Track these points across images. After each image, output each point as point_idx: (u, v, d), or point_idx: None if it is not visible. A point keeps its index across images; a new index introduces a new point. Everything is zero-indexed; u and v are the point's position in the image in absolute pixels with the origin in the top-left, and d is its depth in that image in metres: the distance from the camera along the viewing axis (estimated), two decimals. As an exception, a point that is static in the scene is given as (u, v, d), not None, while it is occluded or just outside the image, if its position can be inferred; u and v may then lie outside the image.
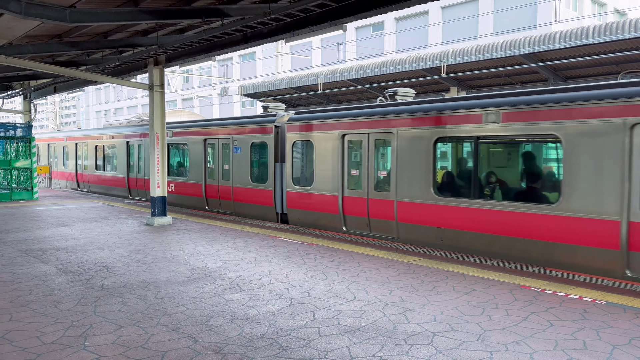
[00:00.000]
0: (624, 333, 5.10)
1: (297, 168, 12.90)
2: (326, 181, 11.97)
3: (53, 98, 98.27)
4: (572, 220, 7.87)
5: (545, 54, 13.46)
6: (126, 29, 11.74)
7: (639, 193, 7.23)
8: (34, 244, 10.05)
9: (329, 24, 8.75)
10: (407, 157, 10.21)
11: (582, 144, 7.79)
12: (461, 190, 9.53)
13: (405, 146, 10.22)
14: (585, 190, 7.75)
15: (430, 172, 9.78)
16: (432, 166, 9.76)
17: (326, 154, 11.98)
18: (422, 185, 9.92)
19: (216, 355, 4.58)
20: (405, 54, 31.95)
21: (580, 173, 7.81)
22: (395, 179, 10.43)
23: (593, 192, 7.67)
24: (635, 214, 7.25)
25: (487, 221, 8.90)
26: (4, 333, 5.18)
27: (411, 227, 10.19)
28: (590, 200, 7.70)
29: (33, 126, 19.90)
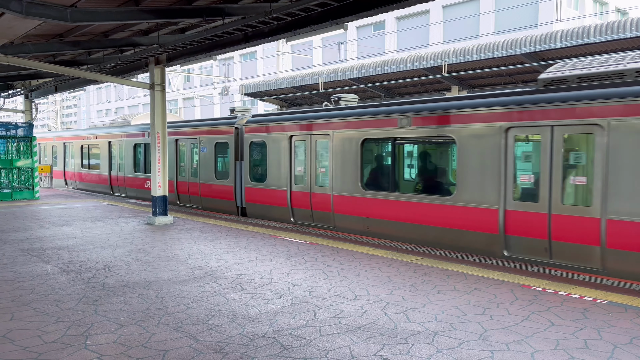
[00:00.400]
0: (625, 332, 5.10)
1: (254, 166, 14.34)
2: (277, 177, 13.37)
3: (54, 97, 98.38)
4: (463, 209, 9.32)
5: (546, 53, 13.44)
6: (127, 28, 11.75)
7: (513, 184, 8.67)
8: (35, 243, 10.06)
9: (329, 23, 8.74)
10: (341, 156, 11.62)
11: (471, 145, 9.22)
12: (382, 185, 10.98)
13: (339, 146, 11.62)
14: (473, 184, 9.18)
15: (358, 169, 11.26)
16: (360, 164, 11.23)
17: (277, 153, 13.39)
18: (352, 181, 11.39)
19: (217, 355, 4.59)
20: (406, 53, 31.92)
21: (469, 169, 9.24)
22: (331, 176, 11.85)
23: (479, 185, 9.08)
24: (510, 203, 8.68)
25: (403, 211, 10.36)
26: (5, 332, 5.19)
27: (344, 217, 11.59)
28: (476, 192, 9.12)
29: (34, 125, 19.91)
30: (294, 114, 13.12)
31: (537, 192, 8.33)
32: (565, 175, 8.08)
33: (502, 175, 8.73)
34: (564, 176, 8.08)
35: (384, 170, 11.05)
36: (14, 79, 18.17)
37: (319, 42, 42.41)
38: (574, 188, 8.01)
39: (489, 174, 8.90)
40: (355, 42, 40.14)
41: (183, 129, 17.01)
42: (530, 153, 8.52)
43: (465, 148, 9.30)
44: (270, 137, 13.57)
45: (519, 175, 8.59)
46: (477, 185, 9.11)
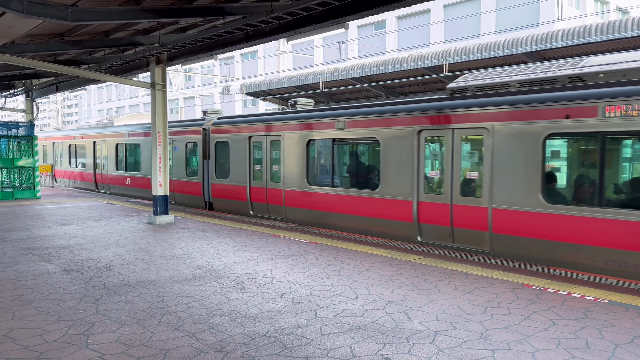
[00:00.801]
0: (626, 332, 5.09)
1: (219, 164, 15.65)
2: (238, 174, 14.79)
3: (55, 97, 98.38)
4: (386, 201, 10.74)
5: (547, 53, 13.43)
6: (128, 27, 11.75)
7: (424, 179, 10.08)
8: (37, 242, 10.07)
9: (330, 22, 8.74)
10: (290, 155, 13.10)
11: (391, 145, 10.61)
12: (323, 181, 12.47)
13: (289, 146, 13.08)
14: (393, 179, 10.60)
15: (304, 166, 12.75)
16: (306, 162, 12.73)
17: (238, 152, 14.79)
18: (299, 177, 12.89)
19: (218, 354, 4.59)
20: (407, 53, 31.92)
21: (390, 166, 10.66)
22: (283, 173, 13.29)
23: (397, 180, 10.51)
24: (422, 195, 10.07)
25: (340, 203, 11.81)
26: (6, 331, 5.19)
27: (294, 209, 13.04)
28: (396, 186, 10.53)
29: (35, 125, 19.93)
30: (253, 116, 14.72)
31: (442, 186, 9.76)
32: (463, 171, 9.49)
33: (415, 171, 10.20)
34: (461, 172, 9.50)
35: (324, 167, 12.57)
36: (15, 78, 18.18)
37: (319, 42, 42.40)
38: (469, 182, 9.41)
39: (405, 171, 10.33)
40: (356, 41, 40.13)
41: (149, 130, 18.53)
42: (437, 152, 9.96)
43: (387, 148, 10.70)
44: (233, 138, 14.94)
45: (428, 172, 10.05)
46: (396, 181, 10.53)
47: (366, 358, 4.49)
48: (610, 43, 12.08)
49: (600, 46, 12.46)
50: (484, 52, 14.08)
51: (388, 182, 10.68)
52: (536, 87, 8.87)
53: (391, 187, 10.60)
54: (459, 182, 9.44)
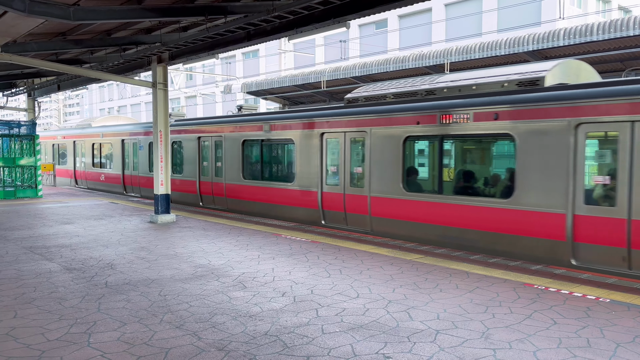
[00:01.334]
0: (628, 331, 5.09)
1: (175, 161, 17.54)
2: (190, 170, 16.81)
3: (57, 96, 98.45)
4: (299, 192, 12.78)
5: (549, 51, 13.41)
6: (130, 26, 11.76)
7: (327, 173, 12.19)
8: (38, 241, 10.09)
9: (332, 21, 8.74)
10: (229, 154, 15.08)
11: (304, 145, 12.62)
12: (255, 176, 14.46)
13: (229, 145, 14.87)
14: (304, 174, 12.63)
15: (240, 163, 14.76)
16: (242, 160, 14.72)
17: (190, 151, 16.81)
18: (236, 172, 14.83)
19: (219, 353, 4.60)
20: (409, 52, 31.85)
21: (303, 163, 12.67)
22: (224, 168, 15.26)
23: (307, 174, 12.53)
24: (325, 186, 12.18)
25: (266, 195, 13.78)
26: (8, 330, 5.20)
27: (233, 200, 15.04)
28: (306, 180, 12.61)
29: (37, 124, 19.95)
30: (201, 119, 16.76)
31: (338, 178, 11.94)
32: (352, 166, 11.64)
33: (320, 166, 12.19)
34: (351, 167, 11.66)
35: (255, 164, 14.55)
36: (17, 77, 18.19)
37: (321, 41, 42.37)
38: (356, 175, 11.56)
39: (314, 166, 12.44)
40: (358, 40, 40.10)
41: (127, 130, 20.59)
42: (334, 151, 12.05)
43: (301, 147, 12.75)
44: (185, 138, 17.05)
45: (329, 167, 12.18)
46: (307, 175, 12.62)
47: (367, 357, 4.49)
48: (612, 42, 12.06)
49: (602, 45, 12.44)
50: (486, 51, 14.07)
51: (300, 176, 12.77)
52: (402, 98, 11.07)
53: (303, 180, 12.71)
54: (349, 176, 11.69)
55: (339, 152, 11.85)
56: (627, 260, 7.50)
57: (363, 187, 11.27)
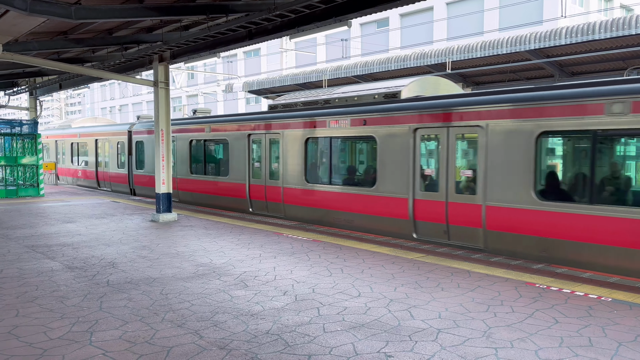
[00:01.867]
0: (630, 330, 5.08)
1: (138, 159, 19.80)
2: (149, 166, 18.94)
3: (58, 95, 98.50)
4: (232, 184, 14.70)
5: (551, 50, 13.39)
6: (131, 25, 11.76)
7: (252, 169, 14.15)
8: (40, 240, 10.10)
9: (333, 20, 8.73)
10: (180, 152, 17.15)
11: (235, 145, 14.50)
12: (199, 171, 16.54)
13: (179, 145, 16.74)
14: (236, 169, 14.57)
15: (188, 160, 16.86)
16: (189, 157, 16.79)
17: (148, 149, 19.00)
18: (185, 168, 16.99)
19: (221, 351, 4.60)
20: (410, 50, 31.80)
21: (235, 159, 14.60)
22: (175, 165, 17.35)
23: (238, 169, 14.48)
24: (251, 180, 14.19)
25: (208, 187, 15.83)
26: (11, 328, 5.21)
27: (183, 193, 17.15)
28: (237, 174, 14.51)
29: (38, 123, 19.97)
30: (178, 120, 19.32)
31: (261, 172, 13.93)
32: (271, 162, 13.60)
33: (247, 162, 14.25)
34: (270, 163, 13.63)
35: (200, 161, 16.53)
36: (19, 76, 18.21)
37: (322, 39, 42.35)
38: (275, 170, 13.51)
39: (242, 162, 14.37)
40: (359, 39, 40.06)
41: (98, 131, 22.95)
42: (259, 149, 14.02)
43: (233, 146, 14.68)
44: (146, 138, 19.26)
45: (254, 163, 14.16)
46: (238, 169, 14.51)
47: (369, 356, 4.49)
48: (615, 40, 12.03)
49: (604, 43, 12.42)
50: (487, 49, 14.05)
51: (233, 171, 14.68)
52: (309, 106, 13.00)
53: (235, 174, 14.74)
54: (269, 171, 13.68)
55: (261, 151, 13.97)
56: (447, 233, 9.71)
57: (279, 179, 13.38)
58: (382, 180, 10.81)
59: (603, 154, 7.95)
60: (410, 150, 10.22)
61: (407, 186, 10.33)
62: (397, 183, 10.51)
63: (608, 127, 7.69)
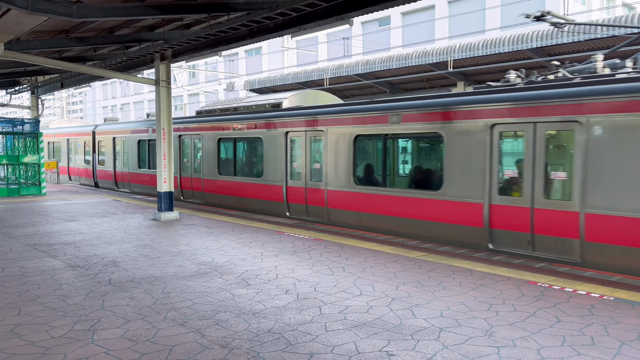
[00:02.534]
0: (632, 329, 5.07)
1: (100, 156, 23.07)
2: (109, 162, 22.07)
3: (60, 93, 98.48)
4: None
5: (553, 48, 13.36)
6: (132, 24, 11.76)
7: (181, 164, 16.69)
8: (42, 238, 10.12)
9: (335, 18, 8.72)
10: (130, 150, 19.92)
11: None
12: (143, 165, 19.36)
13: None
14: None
15: (136, 157, 19.75)
16: (137, 154, 19.69)
17: (107, 148, 22.06)
18: (134, 164, 19.91)
19: (223, 350, 4.60)
20: (412, 49, 31.74)
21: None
22: (129, 162, 20.09)
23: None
24: (182, 173, 16.76)
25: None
26: (13, 327, 5.22)
27: (136, 185, 19.80)
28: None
29: (40, 121, 19.98)
30: (116, 124, 22.00)
31: (189, 168, 16.81)
32: (203, 158, 16.09)
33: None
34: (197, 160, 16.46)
35: (144, 157, 19.27)
36: (20, 75, 18.23)
37: (324, 38, 42.31)
38: (198, 166, 16.33)
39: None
40: (361, 37, 40.02)
41: (70, 132, 26.01)
42: (190, 148, 16.67)
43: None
44: (105, 138, 22.28)
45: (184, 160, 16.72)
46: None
47: (371, 354, 4.49)
48: (616, 39, 12.00)
49: (605, 42, 12.39)
50: (489, 48, 14.03)
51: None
52: (226, 113, 15.67)
53: (186, 169, 16.81)
54: (200, 166, 15.93)
55: (193, 149, 16.79)
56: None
57: (200, 172, 16.07)
58: (268, 173, 13.79)
59: None
60: (284, 148, 13.32)
61: (283, 176, 13.35)
62: (277, 174, 13.49)
63: (390, 132, 10.65)
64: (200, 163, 16.08)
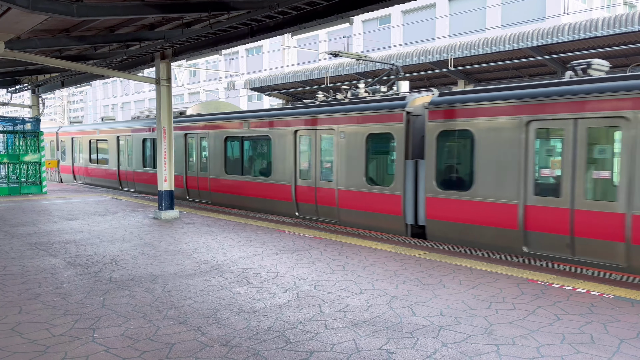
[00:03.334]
0: (631, 327, 5.08)
1: (63, 154, 26.50)
2: (77, 160, 25.06)
3: (61, 92, 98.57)
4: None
5: (553, 47, 13.35)
6: (133, 23, 11.76)
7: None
8: (43, 237, 10.13)
9: (335, 16, 8.71)
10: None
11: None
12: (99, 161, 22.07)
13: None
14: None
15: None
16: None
17: (67, 146, 25.59)
18: (85, 159, 22.96)
19: (223, 348, 4.61)
20: (412, 47, 31.70)
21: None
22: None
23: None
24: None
25: (107, 174, 19.65)
26: (13, 325, 5.24)
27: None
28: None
29: (41, 120, 20.00)
30: (92, 125, 24.30)
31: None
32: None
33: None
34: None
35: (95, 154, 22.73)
36: (21, 74, 18.23)
37: (324, 36, 42.29)
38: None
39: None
40: (361, 36, 39.99)
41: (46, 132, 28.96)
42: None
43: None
44: (65, 138, 25.82)
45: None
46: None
47: (370, 352, 4.50)
48: (617, 37, 11.99)
49: (607, 40, 12.37)
50: (490, 46, 14.01)
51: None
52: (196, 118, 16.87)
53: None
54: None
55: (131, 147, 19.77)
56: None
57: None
58: None
59: None
60: (183, 144, 16.96)
61: (184, 169, 16.71)
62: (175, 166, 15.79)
63: (245, 134, 14.82)
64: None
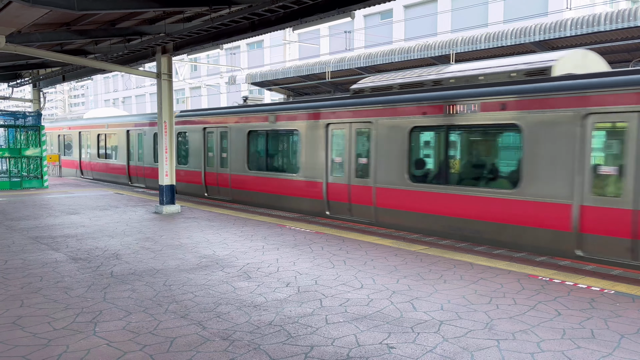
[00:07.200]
0: (632, 322, 5.08)
1: (63, 149, 27.69)
2: (69, 154, 26.11)
3: (62, 87, 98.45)
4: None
5: (556, 42, 13.28)
6: (134, 17, 11.73)
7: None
8: (45, 231, 10.15)
9: (337, 11, 8.68)
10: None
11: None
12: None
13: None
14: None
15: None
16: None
17: (65, 142, 26.80)
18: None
19: (224, 342, 4.62)
20: (414, 42, 31.62)
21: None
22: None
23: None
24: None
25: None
26: (15, 319, 5.25)
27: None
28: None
29: (42, 115, 19.99)
30: (60, 121, 26.52)
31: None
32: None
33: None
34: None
35: (72, 149, 24.66)
36: (22, 68, 18.20)
37: (326, 31, 42.16)
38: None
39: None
40: (363, 30, 39.87)
41: None
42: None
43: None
44: (51, 134, 27.94)
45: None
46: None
47: (371, 347, 4.51)
48: (620, 32, 11.93)
49: (609, 35, 12.32)
50: (492, 41, 13.96)
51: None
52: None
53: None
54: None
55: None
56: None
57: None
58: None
59: None
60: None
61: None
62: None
63: None
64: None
